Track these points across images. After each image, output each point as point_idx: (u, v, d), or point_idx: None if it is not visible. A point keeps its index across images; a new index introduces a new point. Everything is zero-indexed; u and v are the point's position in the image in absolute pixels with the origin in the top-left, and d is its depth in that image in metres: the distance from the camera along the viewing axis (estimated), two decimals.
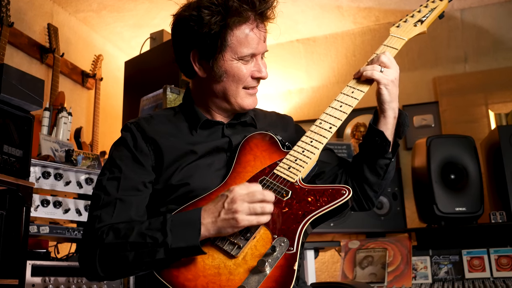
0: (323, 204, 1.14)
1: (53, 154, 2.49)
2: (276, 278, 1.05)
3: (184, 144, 1.31)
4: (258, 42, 1.28)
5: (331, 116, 1.28)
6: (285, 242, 1.09)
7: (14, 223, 1.95)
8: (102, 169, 1.31)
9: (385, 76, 1.27)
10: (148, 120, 1.35)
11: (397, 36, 1.36)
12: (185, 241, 1.08)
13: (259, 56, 1.31)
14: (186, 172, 1.26)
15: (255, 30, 1.27)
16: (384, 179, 1.35)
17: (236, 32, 1.25)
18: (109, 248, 1.14)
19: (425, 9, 1.40)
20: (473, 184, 2.73)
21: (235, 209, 1.08)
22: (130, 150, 1.28)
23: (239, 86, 1.31)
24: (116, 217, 1.20)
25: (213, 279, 1.07)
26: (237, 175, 1.25)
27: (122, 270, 1.15)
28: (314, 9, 3.62)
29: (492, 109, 3.38)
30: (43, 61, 3.20)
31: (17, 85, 2.02)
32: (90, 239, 1.18)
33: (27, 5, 3.18)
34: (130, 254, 1.11)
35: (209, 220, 1.10)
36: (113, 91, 3.84)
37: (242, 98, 1.32)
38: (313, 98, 3.94)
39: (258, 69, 1.31)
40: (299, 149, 1.25)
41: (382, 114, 1.30)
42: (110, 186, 1.24)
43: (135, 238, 1.12)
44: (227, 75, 1.29)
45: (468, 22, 3.59)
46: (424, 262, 2.67)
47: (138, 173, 1.26)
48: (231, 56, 1.27)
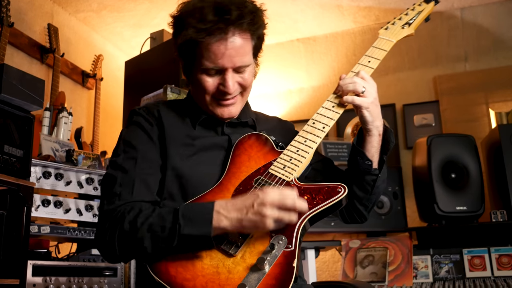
0: (319, 202, 1.15)
1: (53, 154, 2.50)
2: (276, 275, 1.05)
3: (185, 136, 1.32)
4: (222, 56, 1.24)
5: (323, 116, 1.29)
6: (283, 240, 1.10)
7: (15, 223, 1.95)
8: (114, 151, 1.31)
9: (365, 100, 1.27)
10: (156, 106, 1.38)
11: (386, 38, 1.39)
12: (198, 230, 1.08)
13: (230, 70, 1.27)
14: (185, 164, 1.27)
15: (221, 45, 1.23)
16: (373, 194, 1.35)
17: (202, 44, 1.24)
18: (129, 228, 1.12)
19: (412, 12, 1.43)
20: (473, 183, 2.72)
21: (264, 213, 1.07)
22: (145, 131, 1.30)
23: (207, 97, 1.31)
24: (136, 195, 1.20)
25: (212, 278, 1.08)
26: (232, 176, 1.25)
27: (137, 252, 1.14)
28: (314, 8, 3.62)
29: (493, 108, 3.38)
30: (44, 61, 3.20)
31: (18, 85, 2.02)
32: (111, 216, 1.16)
33: (27, 5, 3.19)
34: (147, 238, 1.10)
35: (234, 216, 1.09)
36: (113, 91, 3.85)
37: (214, 108, 1.33)
38: (314, 98, 3.94)
39: (222, 83, 1.28)
40: (293, 149, 1.26)
41: (366, 133, 1.30)
42: (127, 164, 1.24)
43: (154, 219, 1.11)
44: (195, 85, 1.33)
45: (469, 21, 3.59)
46: (425, 261, 2.67)
47: (154, 153, 1.27)
48: (197, 68, 1.28)
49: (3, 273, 1.88)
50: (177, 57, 1.34)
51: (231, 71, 1.27)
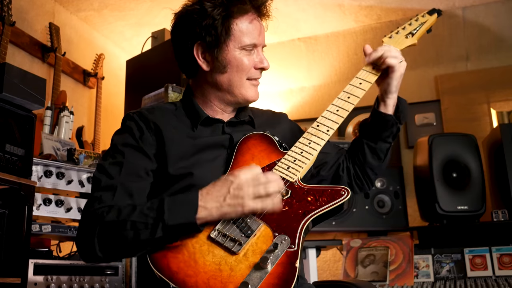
0: (322, 204, 1.17)
1: (55, 153, 2.50)
2: (279, 274, 1.06)
3: (186, 137, 1.32)
4: (259, 33, 1.34)
5: (328, 119, 1.32)
6: (286, 239, 1.10)
7: (16, 222, 1.95)
8: (104, 155, 1.33)
9: (402, 65, 1.35)
10: (150, 110, 1.37)
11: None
12: (182, 218, 1.10)
13: (260, 47, 1.36)
14: (188, 164, 1.27)
15: (255, 21, 1.33)
16: (384, 161, 1.44)
17: (239, 22, 1.30)
18: (109, 226, 1.14)
19: (416, 23, 1.47)
20: (475, 183, 2.72)
21: (241, 195, 1.10)
22: (134, 138, 1.30)
23: (243, 77, 1.34)
24: (116, 200, 1.20)
25: (214, 275, 1.08)
26: None
27: (120, 250, 1.15)
28: (316, 8, 3.62)
29: (494, 108, 3.37)
30: (45, 60, 3.21)
31: (19, 84, 2.02)
32: (89, 218, 1.18)
33: (28, 4, 3.19)
34: (129, 233, 1.11)
35: (213, 205, 1.11)
36: (114, 90, 3.85)
37: (246, 89, 1.36)
38: (315, 97, 3.94)
39: (260, 60, 1.35)
40: (297, 150, 1.28)
41: (382, 102, 1.38)
42: (113, 170, 1.25)
43: (135, 217, 1.12)
44: (230, 65, 1.32)
45: (470, 20, 3.59)
46: (426, 261, 2.67)
47: (141, 160, 1.27)
48: (234, 46, 1.31)
49: (4, 272, 1.88)
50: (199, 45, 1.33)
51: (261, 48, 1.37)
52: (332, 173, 1.44)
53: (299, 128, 1.56)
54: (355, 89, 1.36)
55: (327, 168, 1.43)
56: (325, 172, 1.42)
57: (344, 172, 1.44)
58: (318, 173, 1.40)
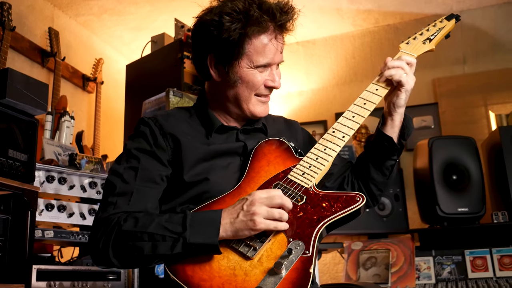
0: (337, 210, 1.16)
1: (56, 158, 2.49)
2: (293, 280, 1.06)
3: (200, 144, 1.32)
4: (275, 52, 1.30)
5: (343, 125, 1.31)
6: (300, 245, 1.10)
7: (20, 228, 1.94)
8: (117, 159, 1.31)
9: (410, 81, 1.31)
10: (165, 117, 1.37)
11: (407, 53, 1.39)
12: (204, 238, 1.09)
13: (274, 66, 1.33)
14: (203, 170, 1.27)
15: (273, 41, 1.29)
16: (389, 178, 1.42)
17: (254, 41, 1.27)
18: (126, 235, 1.13)
19: (434, 28, 1.44)
20: (475, 185, 2.75)
21: (253, 211, 1.10)
22: (149, 143, 1.29)
23: (252, 93, 1.33)
24: (132, 206, 1.20)
25: (228, 279, 1.08)
26: (251, 180, 1.26)
27: (135, 260, 1.15)
28: (314, 12, 3.63)
29: (492, 110, 3.40)
30: (44, 65, 3.20)
31: (22, 90, 2.02)
32: (104, 223, 1.17)
33: (27, 9, 3.18)
34: (147, 245, 1.11)
35: (227, 221, 1.12)
36: (113, 95, 3.84)
37: (253, 105, 1.35)
38: (313, 100, 3.95)
39: (272, 79, 1.33)
40: (312, 156, 1.27)
41: (389, 117, 1.34)
42: (128, 175, 1.24)
43: (154, 229, 1.12)
44: (241, 81, 1.31)
45: (467, 24, 3.62)
46: (427, 263, 2.69)
47: (156, 166, 1.27)
48: (247, 64, 1.29)
49: (8, 278, 1.87)
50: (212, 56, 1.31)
51: (276, 66, 1.34)
52: (336, 185, 1.43)
53: (310, 135, 1.57)
54: (372, 96, 1.34)
55: (332, 180, 1.42)
56: (330, 184, 1.41)
57: (348, 185, 1.43)
58: (323, 183, 1.38)
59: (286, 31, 1.32)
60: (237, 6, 1.26)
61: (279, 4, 1.29)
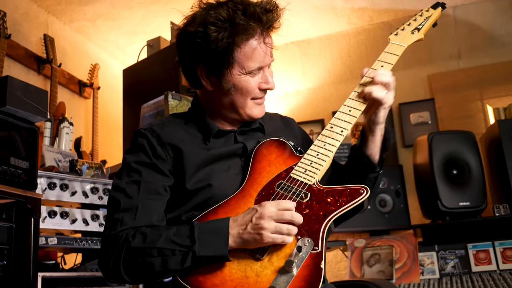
0: (342, 204, 1.17)
1: (57, 164, 2.49)
2: (305, 277, 1.06)
3: (199, 150, 1.31)
4: (265, 55, 1.29)
5: (341, 120, 1.31)
6: (309, 242, 1.11)
7: (24, 236, 1.94)
8: (117, 174, 1.30)
9: (390, 99, 1.27)
10: (161, 126, 1.35)
11: (397, 43, 1.39)
12: (214, 250, 1.10)
13: (266, 67, 1.32)
14: (204, 176, 1.26)
15: (262, 44, 1.28)
16: (374, 188, 1.38)
17: (243, 48, 1.25)
18: (135, 252, 1.13)
19: (421, 18, 1.46)
20: (475, 179, 2.76)
21: (261, 225, 1.09)
22: (148, 155, 1.28)
23: (247, 98, 1.32)
24: (138, 220, 1.19)
25: (241, 282, 1.08)
26: (254, 181, 1.26)
27: (147, 275, 1.15)
28: (309, 11, 3.64)
29: (488, 104, 3.42)
30: (40, 72, 3.19)
31: (22, 97, 2.01)
32: (113, 241, 1.17)
33: (22, 17, 3.17)
34: (157, 261, 1.11)
35: (235, 231, 1.11)
36: (110, 100, 3.83)
37: (250, 109, 1.34)
38: (310, 100, 3.96)
39: (265, 81, 1.32)
40: (313, 153, 1.27)
41: (370, 133, 1.31)
42: (131, 189, 1.23)
43: (162, 243, 1.12)
44: (235, 89, 1.30)
45: (461, 19, 3.64)
46: (431, 258, 2.70)
47: (158, 177, 1.26)
48: (239, 71, 1.28)
49: (14, 286, 1.86)
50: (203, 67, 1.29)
51: (267, 67, 1.33)
52: None
53: (306, 133, 1.56)
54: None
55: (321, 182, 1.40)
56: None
57: None
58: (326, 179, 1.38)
59: (274, 30, 1.32)
60: (220, 14, 1.23)
61: (263, 5, 1.27)
